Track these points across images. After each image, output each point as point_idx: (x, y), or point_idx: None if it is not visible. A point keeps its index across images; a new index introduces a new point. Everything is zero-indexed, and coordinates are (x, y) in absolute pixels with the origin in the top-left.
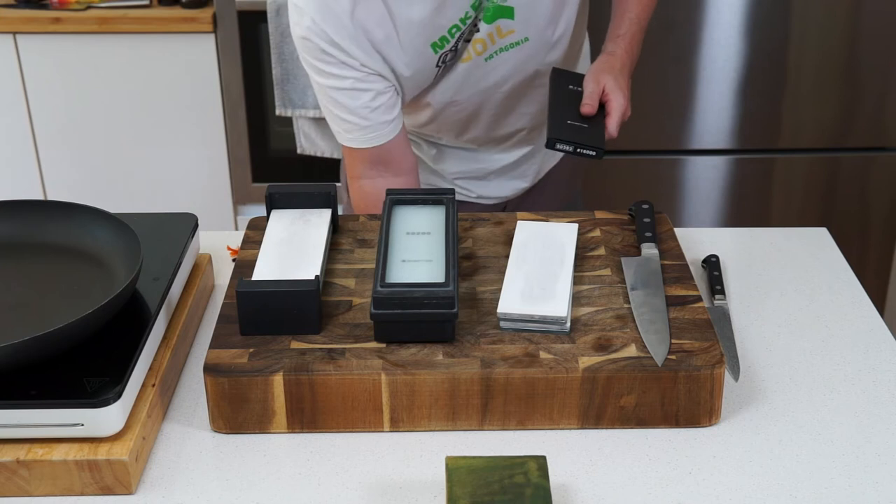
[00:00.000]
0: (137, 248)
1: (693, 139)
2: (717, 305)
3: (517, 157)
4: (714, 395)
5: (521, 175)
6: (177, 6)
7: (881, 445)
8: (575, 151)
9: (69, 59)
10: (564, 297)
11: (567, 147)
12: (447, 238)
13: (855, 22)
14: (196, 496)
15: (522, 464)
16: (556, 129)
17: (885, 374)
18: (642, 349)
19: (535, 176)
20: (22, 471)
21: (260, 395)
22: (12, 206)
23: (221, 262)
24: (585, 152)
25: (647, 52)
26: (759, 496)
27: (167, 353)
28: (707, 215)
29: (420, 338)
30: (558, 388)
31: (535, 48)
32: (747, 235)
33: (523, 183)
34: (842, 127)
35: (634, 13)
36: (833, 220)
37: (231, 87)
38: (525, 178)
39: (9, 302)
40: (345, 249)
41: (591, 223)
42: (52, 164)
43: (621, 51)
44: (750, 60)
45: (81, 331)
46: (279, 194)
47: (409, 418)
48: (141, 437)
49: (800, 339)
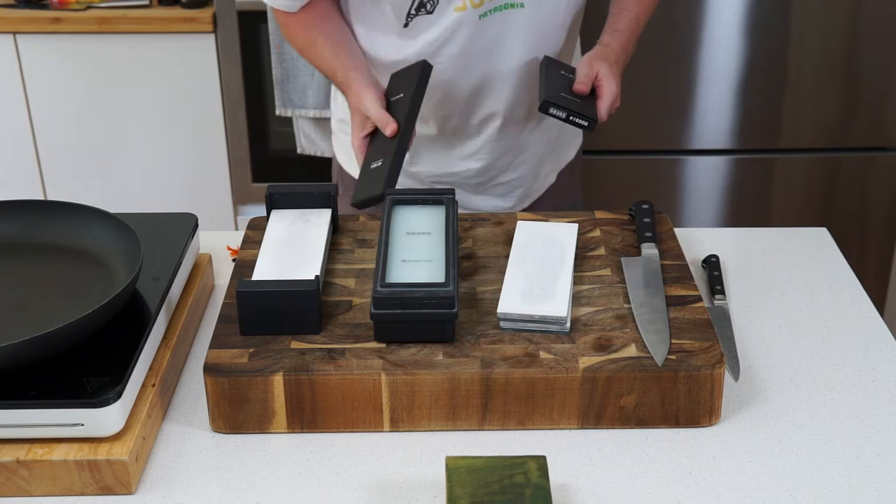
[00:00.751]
0: (137, 248)
1: (693, 139)
2: (717, 305)
3: (487, 159)
4: (714, 395)
5: (500, 194)
6: (177, 6)
7: (881, 445)
8: (568, 118)
9: (69, 59)
10: (564, 297)
11: (560, 113)
12: (447, 238)
13: (855, 22)
14: (196, 496)
15: (522, 464)
16: (550, 94)
17: (885, 374)
18: (642, 349)
19: (522, 199)
20: (22, 471)
21: (260, 395)
22: (12, 206)
23: (221, 262)
24: (578, 121)
25: (648, 52)
26: (759, 496)
27: (167, 353)
28: (707, 215)
29: (420, 338)
30: (558, 388)
31: (530, 19)
32: (747, 235)
33: (505, 203)
34: (842, 127)
35: (634, 12)
36: (833, 220)
37: (231, 87)
38: (506, 198)
39: (9, 302)
40: (345, 249)
41: (591, 223)
42: (52, 164)
43: (617, 44)
44: (750, 60)
45: (81, 331)
46: (279, 194)
47: (409, 418)
48: (141, 437)
49: (800, 339)
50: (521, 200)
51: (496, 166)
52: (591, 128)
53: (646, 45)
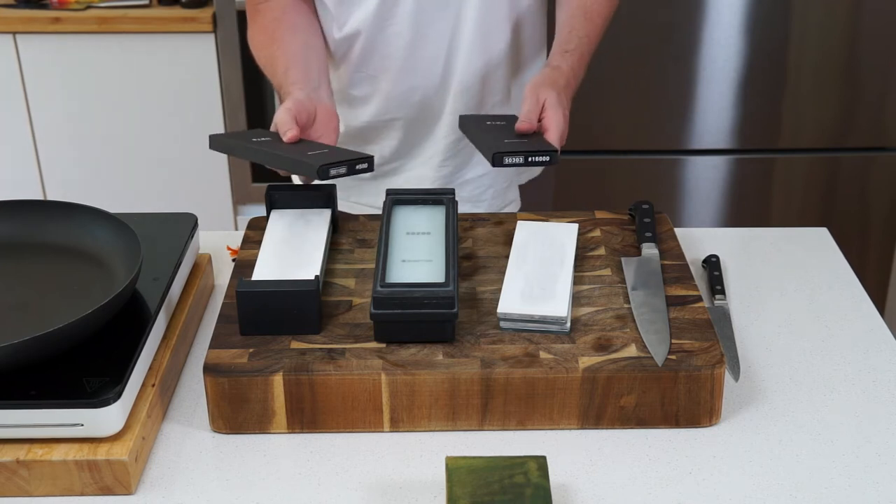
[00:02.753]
0: (137, 248)
1: (693, 139)
2: (717, 305)
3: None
4: (714, 395)
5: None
6: (177, 6)
7: (881, 445)
8: (527, 161)
9: (69, 59)
10: (564, 297)
11: (516, 159)
12: (447, 238)
13: (855, 22)
14: (196, 496)
15: (522, 464)
16: (495, 146)
17: (885, 374)
18: (642, 349)
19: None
20: (22, 471)
21: (260, 395)
22: (12, 206)
23: (221, 262)
24: (539, 159)
25: (648, 52)
26: (759, 496)
27: (167, 353)
28: (707, 215)
29: (420, 338)
30: (558, 388)
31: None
32: (747, 235)
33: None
34: (842, 127)
35: (584, 31)
36: (833, 220)
37: (231, 87)
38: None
39: (9, 302)
40: (345, 249)
41: (591, 223)
42: (52, 164)
43: (567, 67)
44: (750, 60)
45: (81, 331)
46: (279, 194)
47: (409, 418)
48: (141, 437)
49: (800, 339)
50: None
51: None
52: (553, 161)
53: (646, 45)
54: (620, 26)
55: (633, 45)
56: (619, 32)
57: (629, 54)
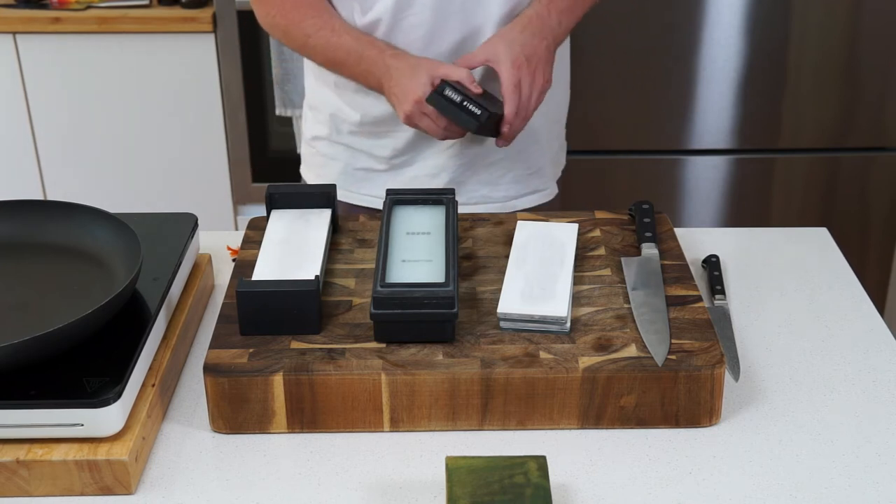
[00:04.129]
0: (137, 248)
1: (693, 139)
2: (717, 305)
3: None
4: (714, 395)
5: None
6: (177, 6)
7: (881, 445)
8: (461, 105)
9: (69, 59)
10: (564, 297)
11: (455, 97)
12: (447, 238)
13: (855, 22)
14: (196, 496)
15: (522, 464)
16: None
17: (885, 374)
18: (642, 349)
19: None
20: (22, 471)
21: (260, 395)
22: (12, 206)
23: (221, 262)
24: (465, 115)
25: (648, 52)
26: (759, 496)
27: (167, 353)
28: (707, 215)
29: (420, 338)
30: (558, 388)
31: None
32: (747, 235)
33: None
34: (842, 127)
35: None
36: (833, 220)
37: (231, 87)
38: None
39: (9, 302)
40: (345, 249)
41: (591, 223)
42: (52, 164)
43: (532, 11)
44: (750, 60)
45: (81, 331)
46: (279, 194)
47: (409, 418)
48: (141, 437)
49: (800, 339)
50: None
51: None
52: (479, 121)
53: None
54: (621, 26)
55: (633, 45)
56: (619, 32)
57: (629, 54)
